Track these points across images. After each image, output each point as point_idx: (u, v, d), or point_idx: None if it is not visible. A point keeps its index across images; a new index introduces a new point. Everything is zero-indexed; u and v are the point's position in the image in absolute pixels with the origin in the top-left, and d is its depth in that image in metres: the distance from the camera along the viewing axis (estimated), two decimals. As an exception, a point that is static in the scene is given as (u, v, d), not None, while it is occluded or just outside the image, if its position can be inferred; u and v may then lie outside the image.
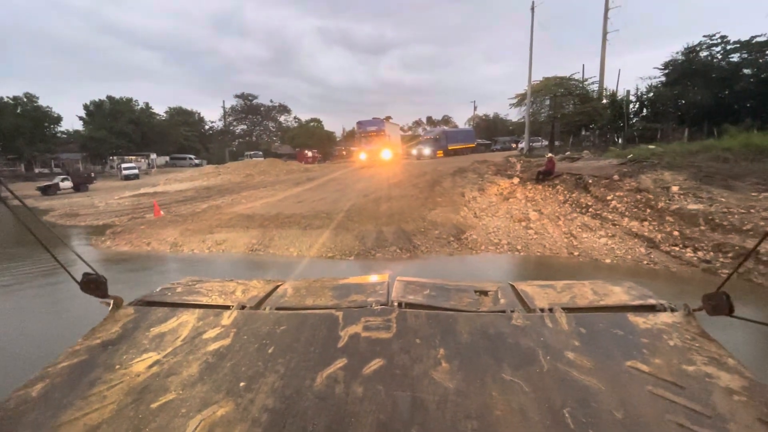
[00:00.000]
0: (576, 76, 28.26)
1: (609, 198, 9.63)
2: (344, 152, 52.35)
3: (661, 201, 8.43)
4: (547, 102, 27.80)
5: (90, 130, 46.31)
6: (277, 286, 1.82)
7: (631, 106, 35.27)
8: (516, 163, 16.58)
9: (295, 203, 13.54)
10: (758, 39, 33.84)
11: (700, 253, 6.60)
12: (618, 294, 1.85)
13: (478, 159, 22.10)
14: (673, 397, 1.19)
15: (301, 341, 1.32)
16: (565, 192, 11.04)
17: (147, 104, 52.64)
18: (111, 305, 1.46)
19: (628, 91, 29.98)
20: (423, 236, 8.77)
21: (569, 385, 1.22)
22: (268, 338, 1.32)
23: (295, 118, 67.44)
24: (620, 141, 26.70)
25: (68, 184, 28.59)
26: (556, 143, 28.81)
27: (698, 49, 36.24)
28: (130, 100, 50.44)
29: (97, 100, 48.86)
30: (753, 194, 7.94)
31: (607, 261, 7.02)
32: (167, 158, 51.15)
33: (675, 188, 8.81)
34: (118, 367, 1.15)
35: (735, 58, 35.53)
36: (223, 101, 65.93)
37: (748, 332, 4.47)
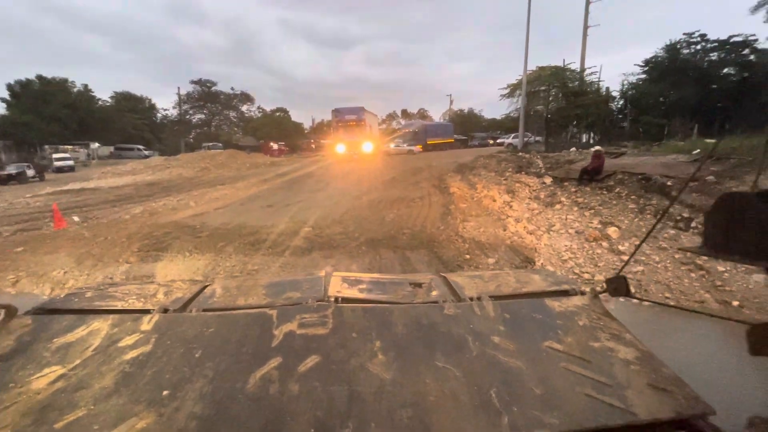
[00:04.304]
0: (572, 66, 26.17)
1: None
2: (314, 145, 48.53)
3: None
4: (543, 93, 25.56)
5: (14, 113, 39.58)
6: (205, 287, 1.75)
7: (614, 102, 34.29)
8: (536, 159, 13.85)
9: (263, 208, 10.05)
10: (735, 39, 33.48)
11: None
12: (537, 281, 2.04)
13: (475, 154, 19.39)
14: (581, 371, 1.34)
15: (232, 342, 1.28)
16: (633, 197, 8.34)
17: (86, 86, 46.08)
18: (1, 315, 1.30)
19: (608, 88, 28.58)
20: (472, 268, 5.71)
21: (495, 367, 1.33)
22: (195, 342, 1.25)
23: (258, 108, 62.26)
24: (604, 138, 25.19)
25: (32, 172, 26.21)
26: (538, 139, 26.94)
27: (679, 46, 35.74)
28: (65, 81, 43.82)
29: (23, 79, 41.93)
30: None
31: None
32: (112, 148, 44.96)
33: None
34: (12, 385, 1.03)
35: (714, 56, 35.23)
36: (178, 87, 59.51)
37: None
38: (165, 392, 1.02)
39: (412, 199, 9.74)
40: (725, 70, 33.09)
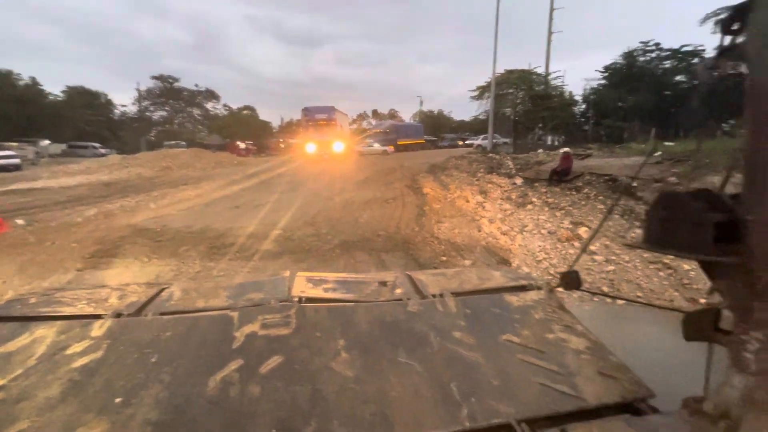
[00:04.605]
0: (538, 70, 26.91)
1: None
2: (283, 144, 47.48)
3: None
4: (510, 96, 26.13)
5: (-49, 107, 36.41)
6: (162, 290, 1.71)
7: (577, 106, 35.66)
8: (507, 160, 14.04)
9: (230, 209, 9.60)
10: (686, 48, 35.61)
11: None
12: (497, 277, 2.17)
13: (446, 154, 19.52)
14: (537, 361, 1.47)
15: (191, 346, 1.25)
16: (601, 197, 8.55)
17: (34, 80, 42.98)
18: None
19: (571, 92, 29.67)
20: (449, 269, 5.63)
21: (456, 361, 1.42)
22: (150, 346, 1.23)
23: (225, 105, 60.19)
24: (568, 141, 26.12)
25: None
26: (506, 141, 27.53)
27: (635, 54, 37.65)
28: (9, 74, 40.69)
29: (-39, 70, 38.64)
30: None
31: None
32: (64, 146, 42.06)
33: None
34: None
35: (667, 64, 37.35)
36: (138, 83, 56.67)
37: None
38: (117, 399, 0.98)
39: (386, 199, 9.59)
40: (677, 78, 35.14)
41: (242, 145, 41.57)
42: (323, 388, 1.18)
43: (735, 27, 2.12)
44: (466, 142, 43.24)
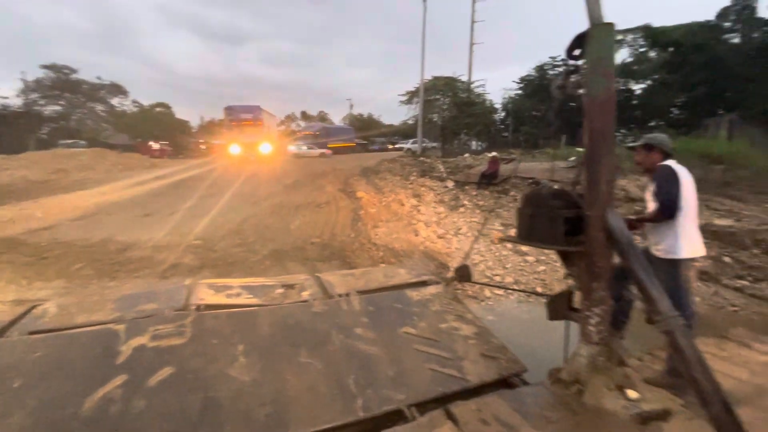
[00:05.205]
0: (462, 78, 28.15)
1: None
2: (204, 146, 44.17)
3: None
4: (437, 102, 27.00)
5: None
6: (34, 307, 1.60)
7: (497, 113, 38.21)
8: (438, 164, 14.31)
9: (139, 217, 8.45)
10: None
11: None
12: (402, 275, 2.44)
13: (377, 158, 19.50)
14: (430, 349, 1.66)
15: (65, 366, 1.17)
16: (527, 199, 8.97)
17: None
18: None
19: (491, 100, 31.64)
20: (389, 277, 5.40)
21: (355, 356, 1.54)
22: (13, 370, 1.13)
23: (134, 101, 54.33)
24: (491, 146, 27.84)
25: None
26: (434, 145, 28.48)
27: (545, 67, 41.38)
28: None
29: None
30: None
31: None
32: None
33: (675, 197, 7.42)
34: None
35: (571, 78, 41.69)
36: (22, 72, 48.95)
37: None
38: None
39: (319, 204, 9.14)
40: (579, 91, 39.36)
41: (155, 146, 37.72)
42: (217, 395, 1.17)
43: (576, 53, 2.33)
44: (396, 146, 44.01)
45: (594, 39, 2.16)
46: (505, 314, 4.55)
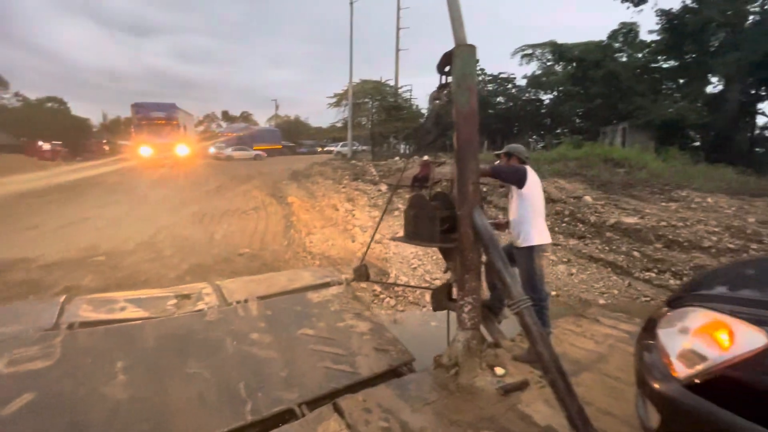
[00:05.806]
0: (390, 83, 28.50)
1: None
2: (107, 147, 39.42)
3: (589, 214, 7.45)
4: (368, 105, 27.03)
5: None
6: None
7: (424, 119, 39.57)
8: (370, 167, 14.20)
9: (23, 230, 7.09)
10: (503, 75, 43.05)
11: (685, 279, 5.53)
12: (306, 278, 2.56)
13: (306, 161, 18.97)
14: (326, 348, 1.78)
15: None
16: (458, 202, 9.21)
17: None
18: None
19: (418, 105, 32.70)
20: (327, 288, 5.06)
21: (248, 361, 1.54)
22: None
23: (17, 95, 46.79)
24: (418, 150, 28.60)
25: None
26: (364, 148, 28.60)
27: (465, 75, 43.93)
28: None
29: None
30: (664, 204, 7.89)
31: (602, 302, 5.21)
32: None
33: (589, 198, 8.08)
34: None
35: (490, 87, 44.65)
36: None
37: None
38: None
39: (245, 210, 8.50)
40: (498, 99, 42.19)
41: (46, 146, 32.66)
42: (86, 418, 1.09)
43: (446, 69, 2.56)
44: (326, 149, 43.38)
45: (458, 58, 2.38)
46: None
